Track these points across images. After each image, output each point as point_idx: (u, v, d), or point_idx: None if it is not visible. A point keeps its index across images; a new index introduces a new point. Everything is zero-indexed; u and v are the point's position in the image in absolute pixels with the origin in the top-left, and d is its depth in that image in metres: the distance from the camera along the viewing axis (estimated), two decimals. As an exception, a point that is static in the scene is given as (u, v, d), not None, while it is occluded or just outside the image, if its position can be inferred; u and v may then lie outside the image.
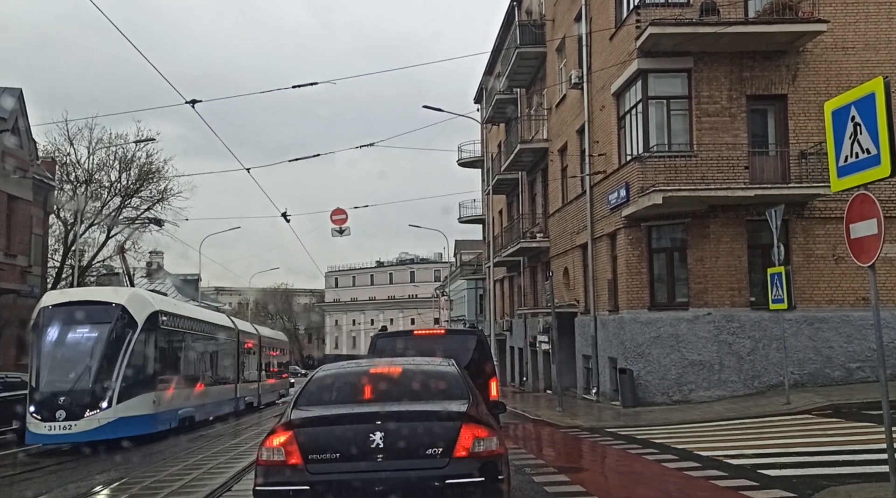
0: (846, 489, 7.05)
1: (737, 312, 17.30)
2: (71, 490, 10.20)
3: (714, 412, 15.27)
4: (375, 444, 5.17)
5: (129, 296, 16.61)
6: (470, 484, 5.14)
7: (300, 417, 5.59)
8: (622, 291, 18.59)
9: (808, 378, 16.99)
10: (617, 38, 19.08)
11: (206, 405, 20.84)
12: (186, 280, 54.58)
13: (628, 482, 9.30)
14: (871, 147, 6.16)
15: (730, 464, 9.25)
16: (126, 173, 35.71)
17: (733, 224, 17.43)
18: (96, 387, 14.76)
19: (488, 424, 5.57)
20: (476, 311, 48.65)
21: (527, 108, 30.54)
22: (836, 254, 16.98)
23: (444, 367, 6.68)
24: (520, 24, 28.29)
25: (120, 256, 30.44)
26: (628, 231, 18.29)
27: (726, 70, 17.51)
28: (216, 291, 79.53)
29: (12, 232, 25.88)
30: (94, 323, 15.48)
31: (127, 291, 17.55)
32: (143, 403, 15.79)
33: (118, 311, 15.73)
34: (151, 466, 12.40)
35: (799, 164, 17.11)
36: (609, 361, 19.54)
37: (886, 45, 17.65)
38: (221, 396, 22.96)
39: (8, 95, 25.41)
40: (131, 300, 16.25)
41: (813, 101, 17.10)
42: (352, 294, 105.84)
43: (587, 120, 21.53)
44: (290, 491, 5.16)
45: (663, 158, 17.20)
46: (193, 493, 9.47)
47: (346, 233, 30.11)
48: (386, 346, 10.84)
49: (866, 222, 6.43)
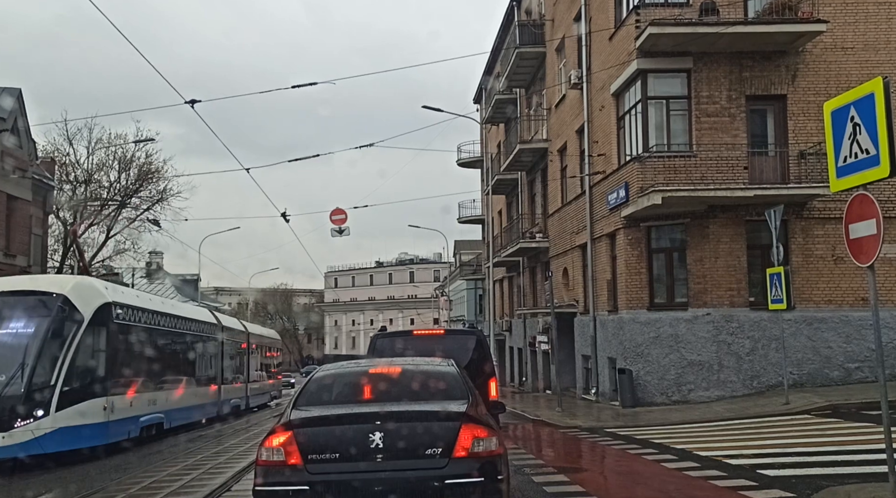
0: (845, 489, 7.06)
1: (736, 313, 17.31)
2: (72, 490, 10.20)
3: (713, 412, 15.28)
4: (375, 444, 5.18)
5: (74, 285, 14.14)
6: (469, 484, 5.15)
7: (300, 417, 5.60)
8: (621, 291, 18.60)
9: (807, 378, 16.99)
10: (616, 38, 19.09)
11: (179, 410, 18.46)
12: (186, 280, 54.59)
13: (627, 482, 9.31)
14: (871, 147, 6.16)
15: (729, 464, 9.26)
16: (125, 173, 35.75)
17: (732, 224, 17.44)
18: (30, 392, 12.41)
19: (488, 424, 5.57)
20: (475, 311, 48.63)
21: (526, 109, 30.55)
22: (836, 254, 16.99)
23: (443, 367, 6.68)
24: (519, 24, 28.30)
25: (72, 239, 28.39)
26: (628, 231, 18.29)
27: (726, 70, 17.52)
28: (216, 291, 79.48)
29: (11, 232, 25.88)
30: (30, 317, 13.13)
31: (72, 280, 15.02)
32: (92, 410, 13.46)
33: (59, 302, 13.33)
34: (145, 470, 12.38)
35: (798, 164, 17.12)
36: (608, 361, 19.55)
37: (886, 45, 17.66)
38: (200, 400, 20.52)
39: (7, 95, 25.39)
40: (76, 290, 13.83)
41: (812, 102, 17.11)
42: (351, 294, 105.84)
43: (587, 120, 21.54)
44: (289, 491, 5.16)
45: (663, 159, 17.20)
46: (193, 492, 9.47)
47: (346, 233, 30.11)
48: (385, 346, 10.85)
49: (865, 223, 6.43)
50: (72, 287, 13.92)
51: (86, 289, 14.33)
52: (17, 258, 25.97)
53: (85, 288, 14.36)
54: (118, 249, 37.22)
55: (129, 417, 15.24)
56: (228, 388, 23.91)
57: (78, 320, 13.44)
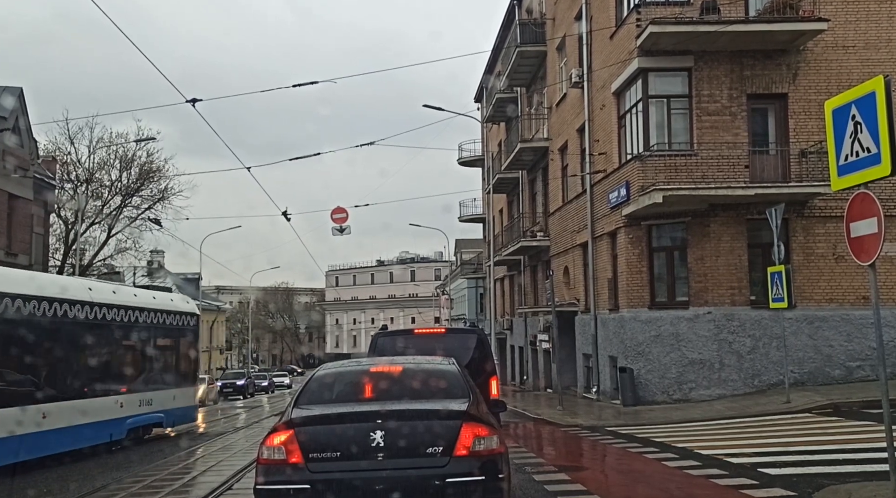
0: (846, 488, 7.06)
1: (737, 311, 17.30)
2: (72, 490, 10.21)
3: (714, 411, 15.27)
4: (376, 442, 5.18)
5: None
6: (470, 483, 5.15)
7: (301, 415, 5.60)
8: (622, 289, 18.60)
9: (808, 377, 16.99)
10: (617, 37, 19.08)
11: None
12: (187, 279, 54.66)
13: (628, 481, 9.30)
14: (872, 146, 6.16)
15: (730, 462, 9.25)
16: (126, 172, 35.80)
17: (734, 223, 17.43)
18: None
19: (489, 422, 5.57)
20: (476, 309, 48.63)
21: (527, 107, 30.54)
22: (837, 252, 16.98)
23: (444, 365, 6.68)
24: (520, 23, 28.29)
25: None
26: (629, 230, 18.29)
27: (727, 69, 17.51)
28: (217, 290, 79.53)
29: (13, 231, 25.91)
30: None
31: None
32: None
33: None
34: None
35: (799, 162, 17.11)
36: (609, 359, 19.55)
37: (887, 43, 17.64)
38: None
39: (8, 94, 25.41)
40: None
41: (813, 100, 17.10)
42: (352, 293, 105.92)
43: (587, 119, 21.53)
44: (290, 490, 5.16)
45: (664, 157, 17.20)
46: (193, 492, 9.47)
47: (347, 231, 30.07)
48: (386, 345, 10.83)
49: (866, 221, 6.43)
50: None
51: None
52: (19, 257, 25.99)
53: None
54: (119, 248, 37.32)
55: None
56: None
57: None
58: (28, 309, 12.03)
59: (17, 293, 11.78)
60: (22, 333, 11.91)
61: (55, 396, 12.63)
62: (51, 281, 15.20)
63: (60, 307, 12.96)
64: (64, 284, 14.20)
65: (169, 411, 17.02)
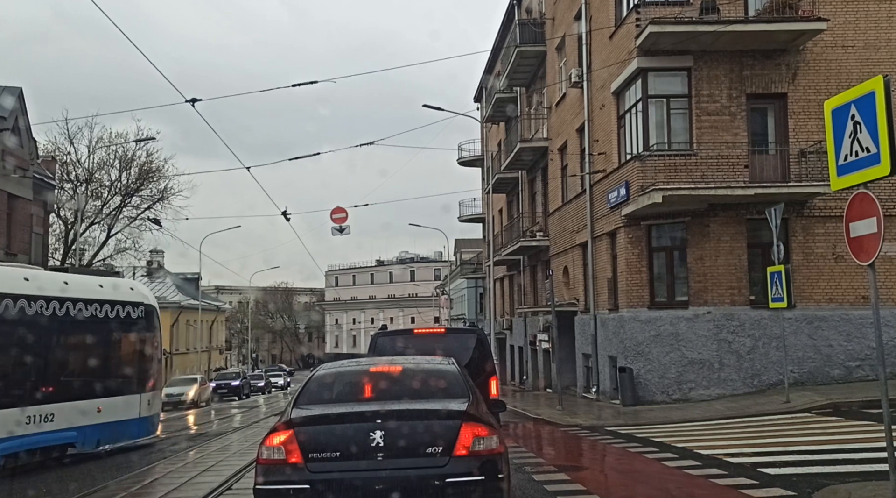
0: (846, 488, 7.06)
1: (736, 311, 17.31)
2: (72, 490, 10.21)
3: (714, 411, 15.28)
4: (375, 442, 5.18)
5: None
6: (470, 482, 5.15)
7: (300, 415, 5.60)
8: (622, 289, 18.60)
9: (808, 377, 16.99)
10: (617, 37, 19.08)
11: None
12: (187, 279, 54.64)
13: (628, 481, 9.30)
14: (871, 146, 6.16)
15: (730, 462, 9.25)
16: (126, 172, 35.81)
17: (733, 223, 17.44)
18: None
19: (488, 422, 5.58)
20: (476, 309, 48.63)
21: (527, 107, 30.54)
22: (836, 252, 16.99)
23: (444, 365, 6.68)
24: (520, 23, 28.28)
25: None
26: (628, 230, 18.29)
27: (726, 69, 17.51)
28: (216, 289, 79.57)
29: (12, 231, 25.89)
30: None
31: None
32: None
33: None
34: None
35: (799, 162, 17.12)
36: (609, 359, 19.55)
37: (886, 43, 17.64)
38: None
39: (8, 94, 25.38)
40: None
41: (813, 100, 17.11)
42: (352, 293, 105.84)
43: (587, 119, 21.53)
44: (290, 489, 5.16)
45: (663, 157, 17.20)
46: (193, 492, 9.47)
47: (346, 231, 30.09)
48: (386, 344, 10.83)
49: (866, 221, 6.43)
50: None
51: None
52: (18, 257, 25.96)
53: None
54: (119, 248, 37.35)
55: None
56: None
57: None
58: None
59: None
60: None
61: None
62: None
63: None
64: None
65: (89, 428, 13.29)
